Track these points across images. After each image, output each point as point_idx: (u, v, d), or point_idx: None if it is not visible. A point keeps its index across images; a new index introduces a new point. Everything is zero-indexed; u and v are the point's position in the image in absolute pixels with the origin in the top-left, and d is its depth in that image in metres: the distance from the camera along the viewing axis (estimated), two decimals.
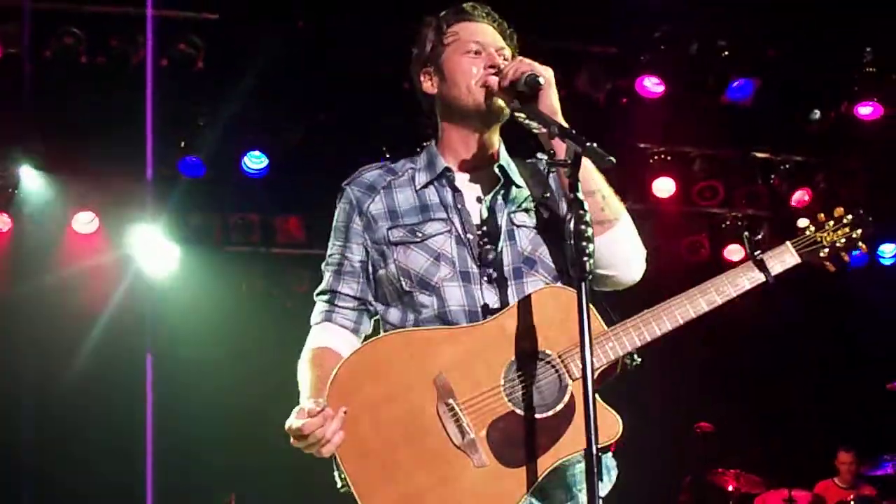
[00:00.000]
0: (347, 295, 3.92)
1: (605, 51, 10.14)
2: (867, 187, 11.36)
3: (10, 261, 10.47)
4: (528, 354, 3.57)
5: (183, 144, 10.05)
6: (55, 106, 9.51)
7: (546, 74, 3.72)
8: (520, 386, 3.55)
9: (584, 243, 3.20)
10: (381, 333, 3.87)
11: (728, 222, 11.91)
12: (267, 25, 9.21)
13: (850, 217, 3.87)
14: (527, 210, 3.88)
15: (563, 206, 3.86)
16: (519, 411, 3.52)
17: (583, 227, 3.21)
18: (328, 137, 10.12)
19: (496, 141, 3.99)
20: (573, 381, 3.54)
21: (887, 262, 12.44)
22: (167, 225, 10.72)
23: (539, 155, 3.98)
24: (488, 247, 3.80)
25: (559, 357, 3.56)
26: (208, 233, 11.09)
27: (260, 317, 11.27)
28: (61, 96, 9.45)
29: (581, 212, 3.23)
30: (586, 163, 3.45)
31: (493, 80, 3.80)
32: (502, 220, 3.83)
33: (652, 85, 10.21)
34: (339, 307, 3.93)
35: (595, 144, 3.30)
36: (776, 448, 11.81)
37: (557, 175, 3.81)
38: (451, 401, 3.52)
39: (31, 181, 10.16)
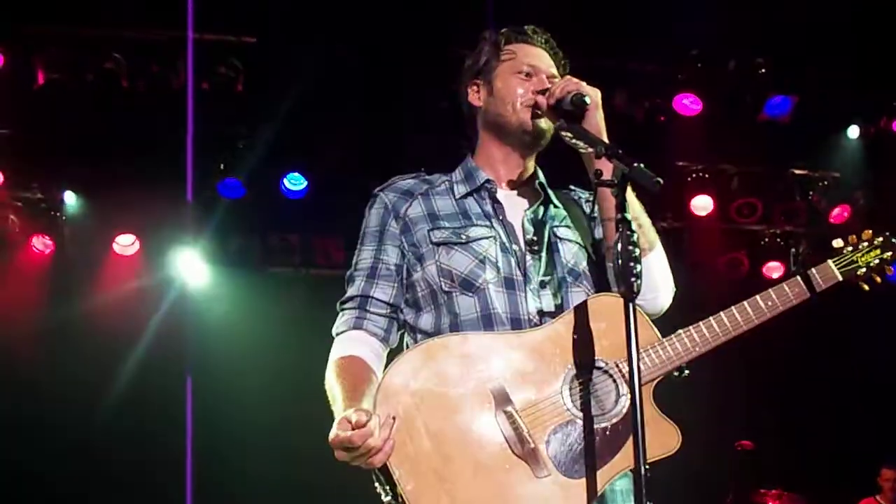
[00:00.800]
0: (381, 300, 3.85)
1: (643, 69, 10.16)
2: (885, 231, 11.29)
3: (52, 283, 10.54)
4: (584, 362, 3.54)
5: (223, 166, 10.10)
6: (97, 130, 9.59)
7: (593, 94, 3.74)
8: (579, 394, 3.51)
9: (633, 263, 3.20)
10: (410, 343, 3.82)
11: (767, 239, 11.86)
12: (305, 48, 9.28)
13: (879, 240, 3.98)
14: (568, 227, 3.91)
15: (599, 231, 3.88)
16: (579, 420, 3.48)
17: (631, 247, 3.21)
18: (367, 158, 10.17)
19: (533, 164, 4.02)
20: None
21: None
22: (207, 247, 10.77)
23: (572, 187, 4.01)
24: (532, 256, 3.80)
25: (616, 366, 3.54)
26: (248, 254, 11.12)
27: (300, 338, 11.25)
28: (103, 120, 9.52)
29: (629, 232, 3.23)
30: (627, 190, 3.46)
31: (541, 99, 3.82)
32: (545, 233, 3.85)
33: (689, 103, 10.21)
34: (371, 313, 3.85)
35: (642, 165, 3.30)
36: (818, 466, 11.73)
37: (600, 196, 3.77)
38: (509, 408, 3.46)
39: (73, 204, 10.24)
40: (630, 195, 3.62)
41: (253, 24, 9.30)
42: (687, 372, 3.66)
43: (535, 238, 3.84)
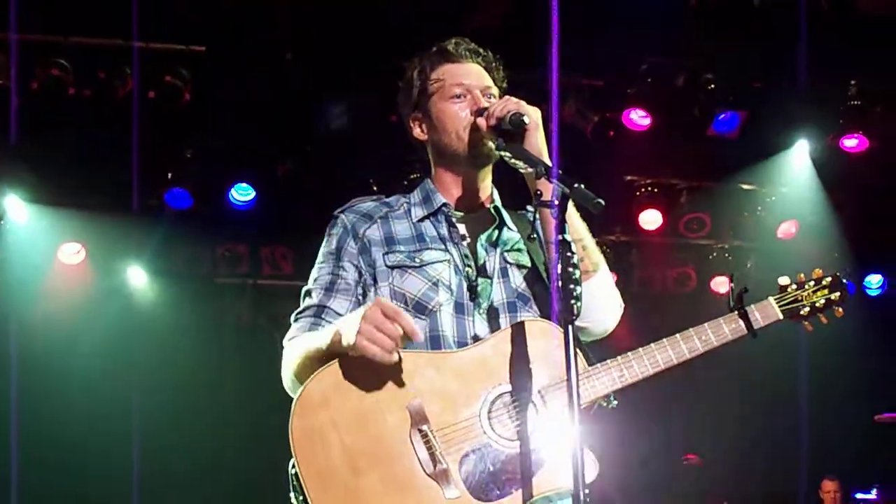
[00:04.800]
0: (337, 312, 3.79)
1: (592, 83, 10.17)
2: (854, 219, 11.40)
3: None
4: (507, 386, 3.52)
5: (170, 176, 10.03)
6: (42, 137, 9.49)
7: (532, 114, 3.70)
8: (497, 418, 3.49)
9: (572, 285, 3.18)
10: None
11: (715, 254, 11.93)
12: (254, 58, 9.23)
13: (828, 279, 3.95)
14: (519, 251, 3.89)
15: (550, 252, 3.86)
16: (495, 444, 3.46)
17: (570, 269, 3.19)
18: (315, 169, 10.14)
19: (489, 183, 4.01)
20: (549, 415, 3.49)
21: (873, 293, 12.47)
22: (154, 256, 10.71)
23: (529, 207, 3.95)
24: (482, 281, 3.78)
25: (538, 392, 3.51)
26: (196, 264, 11.08)
27: (248, 347, 11.25)
28: (48, 128, 9.42)
29: (569, 254, 3.21)
30: (570, 210, 3.47)
31: (481, 122, 3.78)
32: (496, 258, 3.84)
33: (638, 118, 10.22)
34: (327, 322, 3.78)
35: (583, 186, 3.27)
36: (762, 479, 11.81)
37: (542, 217, 3.75)
38: (424, 427, 3.44)
39: (18, 212, 10.13)
40: (574, 215, 3.65)
41: (201, 34, 9.23)
42: (615, 402, 3.64)
43: (486, 262, 3.83)
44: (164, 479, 10.59)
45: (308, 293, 3.90)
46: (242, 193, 10.28)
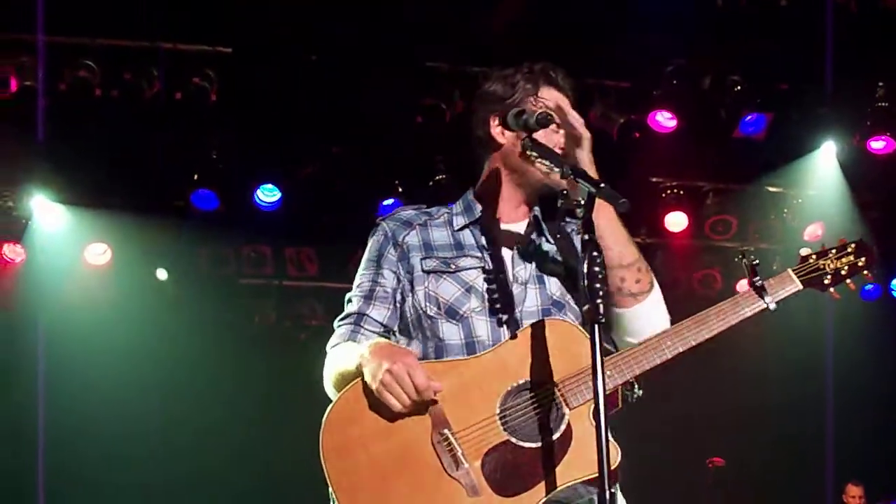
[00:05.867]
0: (375, 320, 3.90)
1: (618, 85, 10.15)
2: (881, 221, 11.34)
3: (24, 291, 10.49)
4: (525, 384, 3.56)
5: (196, 177, 10.06)
6: (69, 138, 9.54)
7: (585, 134, 3.76)
8: (516, 415, 3.54)
9: (597, 284, 3.18)
10: None
11: (756, 263, 11.87)
12: (281, 59, 9.25)
13: (852, 245, 3.88)
14: (557, 262, 3.91)
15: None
16: (514, 440, 3.51)
17: (596, 268, 3.20)
18: (341, 171, 10.16)
19: (536, 199, 4.01)
20: (570, 410, 3.53)
21: None
22: (179, 257, 10.75)
23: (568, 219, 3.99)
24: (519, 288, 3.82)
25: (557, 387, 3.55)
26: (221, 265, 11.12)
27: (272, 348, 11.28)
28: (76, 129, 9.47)
29: (595, 253, 3.22)
30: (624, 234, 3.63)
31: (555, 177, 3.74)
32: (533, 267, 3.87)
33: (664, 119, 10.19)
34: (365, 330, 3.89)
35: (609, 186, 3.29)
36: (787, 482, 11.77)
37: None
38: (445, 430, 3.52)
39: (45, 212, 10.18)
40: (628, 241, 3.75)
41: (228, 35, 9.26)
42: (640, 392, 3.65)
43: (524, 270, 3.87)
44: (189, 478, 10.63)
45: (349, 300, 4.00)
46: (268, 194, 10.29)
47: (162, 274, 10.86)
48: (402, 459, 3.52)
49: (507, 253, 3.90)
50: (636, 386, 3.65)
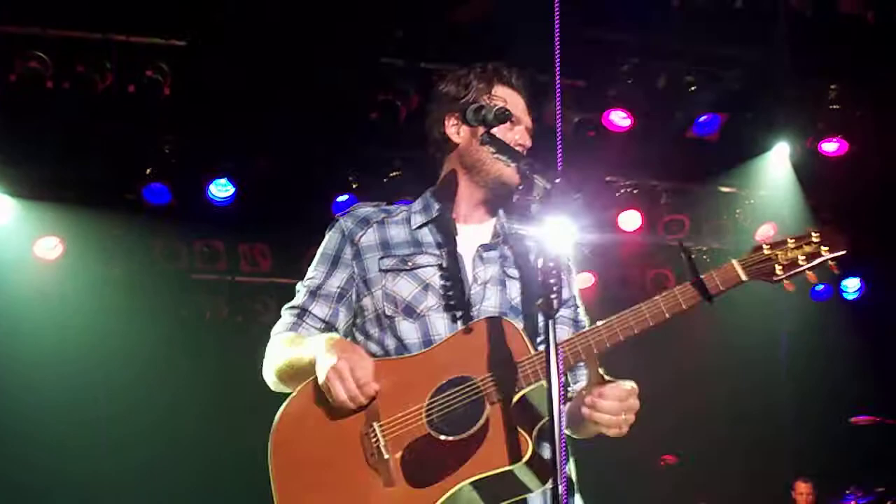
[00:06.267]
0: (317, 316, 3.97)
1: (573, 84, 10.17)
2: (831, 223, 11.41)
3: None
4: (456, 379, 3.59)
5: (149, 171, 9.99)
6: (21, 130, 9.44)
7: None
8: (440, 409, 3.57)
9: (551, 280, 3.18)
10: None
11: (693, 255, 11.93)
12: (235, 52, 9.19)
13: (816, 235, 3.61)
14: (517, 266, 3.92)
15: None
16: (434, 433, 3.55)
17: (550, 264, 3.20)
18: (295, 167, 10.12)
19: (498, 202, 4.03)
20: (491, 404, 3.53)
21: (851, 297, 12.51)
22: (132, 251, 10.68)
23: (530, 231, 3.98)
24: (478, 288, 3.84)
25: (482, 380, 3.56)
26: (173, 259, 11.04)
27: (224, 344, 11.22)
28: (27, 121, 9.37)
29: (549, 251, 3.22)
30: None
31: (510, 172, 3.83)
32: (494, 270, 3.88)
33: (619, 119, 10.22)
34: (307, 324, 3.97)
35: (564, 182, 3.32)
36: (738, 479, 11.84)
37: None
38: (374, 423, 3.60)
39: None
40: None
41: (181, 28, 9.19)
42: (569, 389, 3.74)
43: (483, 271, 3.88)
44: (138, 473, 10.56)
45: (298, 290, 4.06)
46: (221, 189, 10.24)
47: (112, 268, 10.74)
48: (332, 451, 3.63)
49: (466, 252, 3.91)
50: (570, 381, 3.78)
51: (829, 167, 10.91)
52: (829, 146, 10.73)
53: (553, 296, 3.17)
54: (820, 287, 11.46)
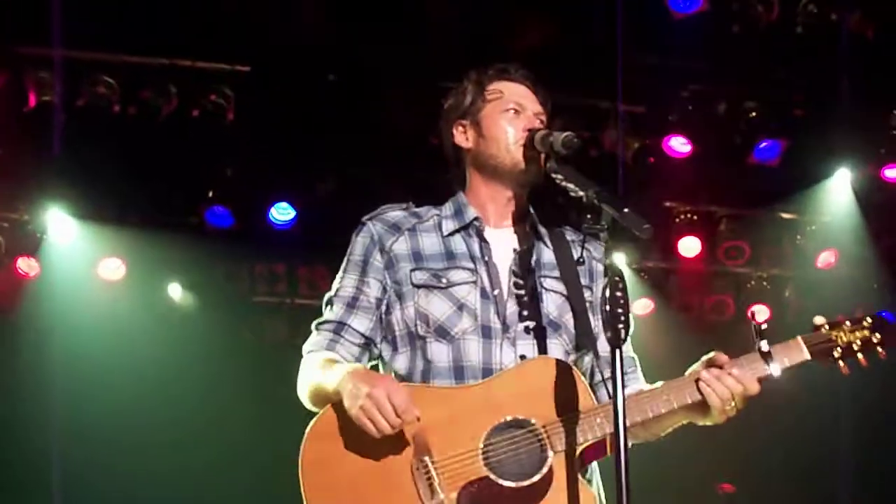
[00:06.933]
0: (357, 331, 3.85)
1: (633, 110, 10.16)
2: (891, 248, 11.31)
3: (37, 305, 10.50)
4: (512, 421, 3.52)
5: (211, 194, 10.09)
6: (86, 153, 9.57)
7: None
8: (499, 452, 3.49)
9: (619, 310, 3.15)
10: None
11: (753, 282, 11.85)
12: (298, 78, 9.28)
13: (868, 320, 3.69)
14: (556, 277, 3.86)
15: (586, 278, 3.86)
16: (493, 477, 3.47)
17: (618, 293, 3.17)
18: (356, 191, 10.17)
19: (526, 202, 3.99)
20: (554, 453, 3.48)
21: None
22: (193, 273, 10.77)
23: (567, 227, 3.98)
24: (514, 305, 3.77)
25: (543, 428, 3.50)
26: (234, 283, 11.12)
27: (284, 367, 11.23)
28: (93, 144, 9.50)
29: (616, 278, 3.19)
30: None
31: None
32: (531, 281, 3.82)
33: (679, 144, 10.20)
34: (346, 340, 3.86)
35: (632, 211, 3.28)
36: None
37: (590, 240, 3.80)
38: (426, 458, 3.49)
39: (60, 227, 10.19)
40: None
41: (245, 53, 9.30)
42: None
43: (520, 284, 3.82)
44: (198, 498, 10.61)
45: (330, 303, 3.95)
46: (282, 213, 10.31)
47: (175, 290, 10.86)
48: (379, 481, 3.51)
49: (502, 263, 3.85)
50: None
51: (891, 193, 10.80)
52: (892, 172, 10.62)
53: (620, 326, 3.14)
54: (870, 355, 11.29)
